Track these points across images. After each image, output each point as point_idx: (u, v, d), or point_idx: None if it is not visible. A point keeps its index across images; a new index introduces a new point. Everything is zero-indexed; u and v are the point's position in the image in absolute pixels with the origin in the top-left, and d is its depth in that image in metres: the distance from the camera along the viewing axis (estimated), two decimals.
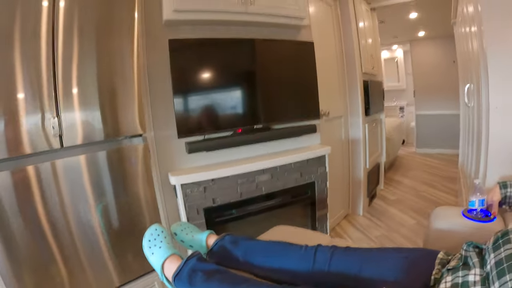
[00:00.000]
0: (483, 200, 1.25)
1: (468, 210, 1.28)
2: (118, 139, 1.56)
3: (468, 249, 0.82)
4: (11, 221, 1.27)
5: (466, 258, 0.80)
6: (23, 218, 1.30)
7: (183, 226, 1.23)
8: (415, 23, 4.42)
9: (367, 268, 0.93)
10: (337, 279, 0.97)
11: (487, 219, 1.22)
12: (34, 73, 1.28)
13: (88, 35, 1.42)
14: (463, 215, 1.26)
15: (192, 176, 1.71)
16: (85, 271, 1.49)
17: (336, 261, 0.99)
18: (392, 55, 6.65)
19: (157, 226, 1.09)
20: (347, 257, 0.99)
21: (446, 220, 1.29)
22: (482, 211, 1.25)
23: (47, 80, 1.31)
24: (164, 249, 1.03)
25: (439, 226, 1.28)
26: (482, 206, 1.25)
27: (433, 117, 5.29)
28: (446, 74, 4.93)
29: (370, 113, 3.02)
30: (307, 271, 1.01)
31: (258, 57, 1.97)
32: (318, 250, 1.04)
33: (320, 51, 2.39)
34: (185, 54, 1.74)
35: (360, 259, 0.97)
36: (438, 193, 3.46)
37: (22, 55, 1.24)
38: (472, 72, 2.01)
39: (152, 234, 1.06)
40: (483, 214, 1.24)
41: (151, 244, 1.05)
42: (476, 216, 1.24)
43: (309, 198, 2.15)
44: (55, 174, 1.37)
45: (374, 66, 3.26)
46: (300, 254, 1.05)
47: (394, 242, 2.44)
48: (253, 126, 1.92)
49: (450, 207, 1.44)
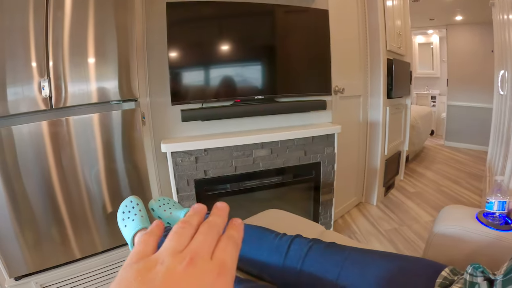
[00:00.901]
0: (504, 202, 1.00)
1: (484, 213, 1.03)
2: (111, 102, 1.53)
3: (474, 273, 0.60)
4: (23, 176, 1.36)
5: (473, 286, 0.58)
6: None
7: (161, 202, 1.16)
8: (451, 5, 4.03)
9: (348, 274, 0.75)
10: (310, 281, 0.79)
11: (506, 227, 0.97)
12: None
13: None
14: (477, 219, 1.03)
15: (184, 144, 1.62)
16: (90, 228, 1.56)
17: (312, 259, 0.81)
18: (428, 40, 6.18)
19: (132, 198, 1.06)
20: (326, 256, 0.81)
21: (454, 224, 1.04)
22: (501, 216, 1.00)
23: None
24: (137, 222, 1.00)
25: (444, 231, 1.04)
26: (502, 210, 1.00)
27: (466, 109, 4.88)
28: (482, 64, 4.50)
29: (392, 95, 2.77)
30: (277, 266, 0.85)
31: (263, 23, 1.80)
32: (294, 241, 0.87)
33: (339, 23, 2.19)
34: (183, 17, 1.62)
35: (342, 260, 0.78)
36: (462, 190, 3.18)
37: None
38: (508, 58, 1.75)
39: (126, 206, 1.04)
40: (503, 220, 0.99)
41: (125, 216, 1.03)
42: (493, 222, 0.99)
43: (313, 179, 1.99)
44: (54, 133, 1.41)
45: (401, 46, 2.97)
46: (274, 244, 0.89)
47: (404, 237, 2.24)
48: (254, 97, 1.77)
49: (463, 207, 1.19)
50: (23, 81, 1.31)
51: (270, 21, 1.83)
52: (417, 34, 6.10)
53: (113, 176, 1.57)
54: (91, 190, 1.52)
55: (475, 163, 4.14)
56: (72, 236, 1.52)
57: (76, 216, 1.51)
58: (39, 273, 1.49)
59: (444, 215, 1.11)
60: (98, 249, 1.60)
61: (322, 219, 2.08)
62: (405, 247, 2.10)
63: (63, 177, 1.45)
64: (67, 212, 1.49)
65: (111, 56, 1.49)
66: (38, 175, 1.39)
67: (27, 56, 1.29)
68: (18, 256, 1.42)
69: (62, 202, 1.48)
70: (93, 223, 1.56)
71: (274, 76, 1.85)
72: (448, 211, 1.14)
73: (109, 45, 1.47)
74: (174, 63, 1.62)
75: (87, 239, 1.56)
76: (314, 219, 2.07)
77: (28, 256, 1.44)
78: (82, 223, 1.54)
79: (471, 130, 4.86)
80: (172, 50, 1.60)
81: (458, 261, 0.74)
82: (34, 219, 1.42)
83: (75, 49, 1.39)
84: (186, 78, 1.66)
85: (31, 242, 1.44)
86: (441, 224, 1.06)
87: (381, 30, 2.55)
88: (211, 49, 1.71)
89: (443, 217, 1.10)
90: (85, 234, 1.55)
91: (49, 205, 1.44)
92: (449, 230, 1.03)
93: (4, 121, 1.31)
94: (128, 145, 1.58)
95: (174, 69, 1.62)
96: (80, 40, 1.40)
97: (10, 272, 1.42)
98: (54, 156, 1.42)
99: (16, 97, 1.30)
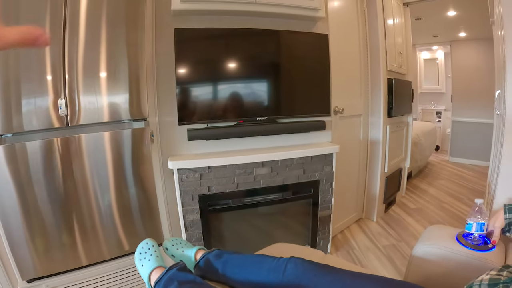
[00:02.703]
0: (482, 224, 1.07)
1: (464, 234, 1.11)
2: (122, 121, 1.64)
3: None
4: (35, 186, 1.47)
5: None
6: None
7: (174, 241, 1.28)
8: (454, 22, 4.12)
9: None
10: None
11: (484, 247, 1.03)
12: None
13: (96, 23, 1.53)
14: (456, 239, 1.10)
15: (189, 162, 1.73)
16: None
17: (307, 277, 0.94)
18: (433, 56, 6.25)
19: (148, 240, 1.17)
20: (319, 275, 0.93)
21: (434, 244, 1.11)
22: (480, 237, 1.07)
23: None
24: (153, 261, 1.09)
25: (422, 252, 1.11)
26: (481, 231, 1.07)
27: (470, 125, 4.91)
28: (486, 80, 4.51)
29: (393, 114, 2.85)
30: (276, 283, 0.98)
31: (265, 48, 1.92)
32: (290, 261, 1.01)
33: (340, 45, 2.30)
34: (190, 43, 1.75)
35: (334, 280, 0.90)
36: (462, 207, 3.21)
37: None
38: (501, 77, 1.82)
39: (143, 247, 1.14)
40: (481, 241, 1.06)
41: (141, 256, 1.12)
42: (471, 242, 1.07)
43: (311, 196, 2.08)
44: (70, 149, 1.54)
45: (402, 65, 3.06)
46: (272, 265, 1.02)
47: (401, 253, 2.30)
48: (255, 118, 1.88)
49: (446, 227, 1.27)
50: (40, 99, 1.43)
51: (272, 46, 1.96)
52: (422, 50, 6.18)
53: (122, 190, 1.68)
54: (100, 201, 1.63)
55: (479, 179, 4.15)
56: (80, 244, 1.63)
57: (85, 225, 1.62)
58: (50, 277, 1.59)
59: (427, 235, 1.20)
60: (105, 256, 1.70)
61: (321, 234, 2.16)
62: (402, 263, 2.16)
63: (74, 189, 1.56)
64: (76, 221, 1.60)
65: (122, 75, 1.61)
66: (50, 187, 1.51)
67: (42, 77, 1.43)
68: (29, 260, 1.53)
69: (72, 212, 1.59)
70: (101, 232, 1.67)
71: (275, 98, 1.97)
72: (431, 231, 1.22)
73: (120, 64, 1.59)
74: (181, 84, 1.74)
75: (95, 247, 1.67)
76: (313, 234, 2.15)
77: (39, 260, 1.55)
78: (91, 231, 1.64)
79: (476, 146, 4.86)
80: (179, 74, 1.72)
81: (434, 277, 0.82)
82: (45, 227, 1.53)
83: (88, 68, 1.52)
84: (192, 100, 1.79)
85: (42, 247, 1.55)
86: (421, 245, 1.14)
87: (382, 50, 2.65)
88: (216, 73, 1.83)
89: (424, 237, 1.18)
90: (94, 242, 1.66)
91: (59, 214, 1.55)
92: (428, 249, 1.11)
93: (19, 137, 1.44)
94: (137, 161, 1.69)
95: (181, 91, 1.74)
96: (93, 60, 1.53)
97: (22, 275, 1.53)
98: (66, 169, 1.54)
99: (31, 114, 1.43)
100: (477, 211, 1.09)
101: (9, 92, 1.38)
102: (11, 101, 1.39)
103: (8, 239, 1.46)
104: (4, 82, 1.36)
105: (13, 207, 1.45)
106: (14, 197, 1.44)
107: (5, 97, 1.37)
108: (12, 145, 1.41)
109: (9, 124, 1.39)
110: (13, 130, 1.41)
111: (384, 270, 2.09)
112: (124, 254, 1.74)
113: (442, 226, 1.29)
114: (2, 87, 1.36)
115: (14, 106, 1.40)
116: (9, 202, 1.43)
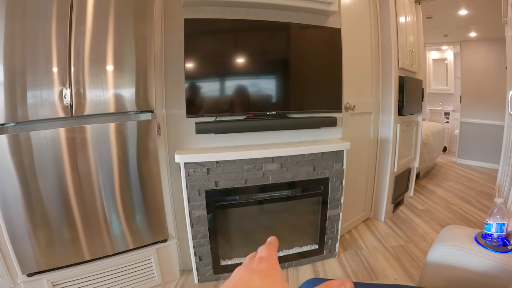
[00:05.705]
0: (502, 224, 1.02)
1: (483, 235, 1.06)
2: (128, 113, 1.61)
3: None
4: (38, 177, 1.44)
5: None
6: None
7: None
8: (465, 21, 4.04)
9: None
10: None
11: (504, 249, 0.99)
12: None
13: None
14: (475, 240, 1.05)
15: (197, 156, 1.68)
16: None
17: None
18: (442, 56, 6.16)
19: None
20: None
21: (452, 244, 1.06)
22: (499, 238, 1.02)
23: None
24: None
25: (442, 250, 1.05)
26: (500, 232, 1.02)
27: (479, 126, 4.83)
28: (496, 81, 4.45)
29: (403, 113, 2.78)
30: None
31: (276, 40, 1.86)
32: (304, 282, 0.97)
33: (352, 42, 2.24)
34: (200, 34, 1.69)
35: None
36: (471, 209, 3.14)
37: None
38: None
39: None
40: (500, 242, 1.01)
41: None
42: (491, 243, 1.02)
43: (321, 194, 2.02)
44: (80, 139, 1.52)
45: (413, 63, 3.00)
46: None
47: (409, 254, 2.24)
48: (266, 112, 1.83)
49: (463, 227, 1.21)
50: (45, 89, 1.39)
51: (284, 38, 1.90)
52: (431, 49, 6.10)
53: (127, 183, 1.64)
54: (104, 195, 1.59)
55: (487, 182, 4.08)
56: (83, 238, 1.59)
57: (88, 219, 1.58)
58: (51, 271, 1.55)
59: (444, 235, 1.14)
60: (108, 252, 1.66)
61: (329, 233, 2.11)
62: (410, 265, 2.10)
63: (78, 181, 1.53)
64: (79, 215, 1.56)
65: (129, 67, 1.57)
66: (53, 178, 1.47)
67: (48, 65, 1.38)
68: (30, 254, 1.49)
69: (76, 205, 1.55)
70: (104, 227, 1.63)
71: (286, 92, 1.91)
72: (447, 232, 1.16)
73: (128, 55, 1.56)
74: (190, 77, 1.69)
75: (99, 242, 1.63)
76: (321, 233, 2.09)
77: (40, 254, 1.51)
78: (94, 226, 1.61)
79: (484, 148, 4.78)
80: (188, 64, 1.67)
81: (453, 280, 0.76)
82: (48, 220, 1.50)
83: (95, 59, 1.48)
84: (201, 92, 1.73)
85: (44, 241, 1.51)
86: (439, 244, 1.08)
87: (393, 48, 2.59)
88: (226, 65, 1.78)
89: (443, 236, 1.13)
90: (97, 237, 1.62)
91: (62, 207, 1.51)
92: (447, 250, 1.06)
93: (23, 126, 1.40)
94: (143, 154, 1.65)
95: (190, 83, 1.69)
96: (99, 51, 1.49)
97: (23, 269, 1.49)
98: (70, 161, 1.50)
99: (36, 104, 1.39)
100: (498, 211, 1.04)
101: (14, 80, 1.34)
102: (16, 90, 1.35)
103: (9, 231, 1.42)
104: (9, 70, 1.32)
105: (15, 198, 1.41)
106: (17, 188, 1.40)
107: (10, 85, 1.33)
108: (16, 135, 1.37)
109: (13, 113, 1.35)
110: (17, 119, 1.37)
111: (393, 271, 2.03)
112: (127, 249, 1.70)
113: (459, 226, 1.23)
114: (7, 75, 1.32)
115: (19, 94, 1.36)
116: (12, 193, 1.39)
